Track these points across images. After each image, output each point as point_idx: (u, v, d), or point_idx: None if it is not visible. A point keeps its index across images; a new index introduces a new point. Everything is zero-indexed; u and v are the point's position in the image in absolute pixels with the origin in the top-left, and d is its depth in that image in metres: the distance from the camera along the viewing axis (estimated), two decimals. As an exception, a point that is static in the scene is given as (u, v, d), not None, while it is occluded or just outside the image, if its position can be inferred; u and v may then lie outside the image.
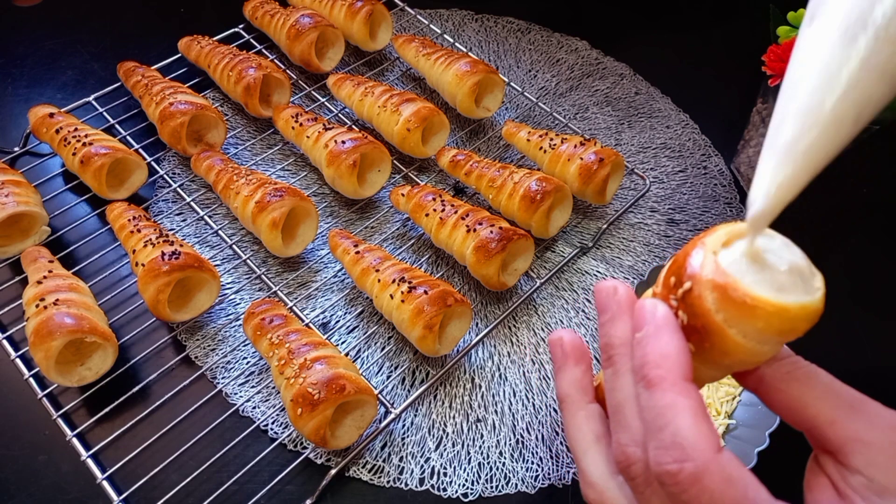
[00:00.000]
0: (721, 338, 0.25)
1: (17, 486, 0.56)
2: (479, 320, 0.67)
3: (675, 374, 0.24)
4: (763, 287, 0.25)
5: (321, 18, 0.81)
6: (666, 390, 0.23)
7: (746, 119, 0.78)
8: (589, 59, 0.93)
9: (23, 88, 0.84)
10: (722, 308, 0.25)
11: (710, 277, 0.25)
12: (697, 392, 0.24)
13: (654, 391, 0.24)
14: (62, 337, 0.54)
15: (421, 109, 0.72)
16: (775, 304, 0.24)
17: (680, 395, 0.23)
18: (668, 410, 0.23)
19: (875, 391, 0.71)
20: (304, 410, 0.52)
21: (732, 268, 0.26)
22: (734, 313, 0.25)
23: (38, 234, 0.66)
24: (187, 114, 0.71)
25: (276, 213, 0.63)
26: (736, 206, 0.78)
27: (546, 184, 0.67)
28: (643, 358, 0.25)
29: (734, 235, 0.27)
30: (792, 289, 0.25)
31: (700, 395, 0.25)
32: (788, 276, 0.26)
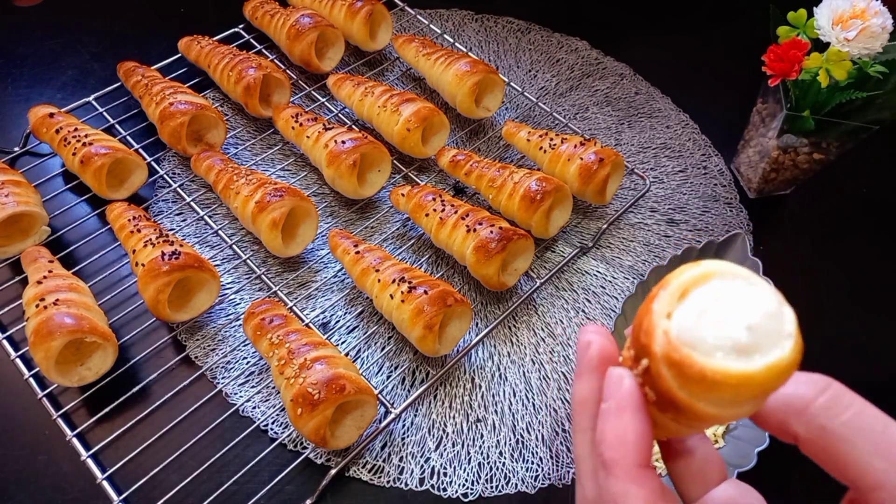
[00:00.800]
0: (693, 410, 0.23)
1: (17, 486, 0.56)
2: (479, 320, 0.67)
3: (630, 460, 0.22)
4: (724, 351, 0.22)
5: (321, 18, 0.81)
6: (619, 477, 0.22)
7: (746, 119, 0.78)
8: (589, 59, 0.93)
9: (23, 88, 0.84)
10: (683, 385, 0.22)
11: (664, 352, 0.23)
12: (652, 479, 0.23)
13: (608, 474, 0.23)
14: (62, 337, 0.54)
15: (421, 109, 0.72)
16: (738, 375, 0.21)
17: (632, 483, 0.22)
18: (619, 498, 0.22)
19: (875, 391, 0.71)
20: (304, 410, 0.52)
21: (686, 334, 0.22)
22: (697, 389, 0.22)
23: (38, 234, 0.66)
24: (187, 114, 0.71)
25: (276, 213, 0.63)
26: (736, 205, 0.78)
27: (546, 184, 0.67)
28: (601, 434, 0.24)
29: (692, 283, 0.24)
30: (759, 342, 0.22)
31: (656, 481, 0.23)
32: (751, 331, 0.22)
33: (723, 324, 0.22)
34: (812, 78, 0.64)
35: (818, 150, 0.71)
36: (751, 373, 0.22)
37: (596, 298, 0.69)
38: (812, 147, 0.71)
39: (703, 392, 0.22)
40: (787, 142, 0.71)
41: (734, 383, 0.21)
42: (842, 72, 0.62)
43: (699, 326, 0.22)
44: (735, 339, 0.22)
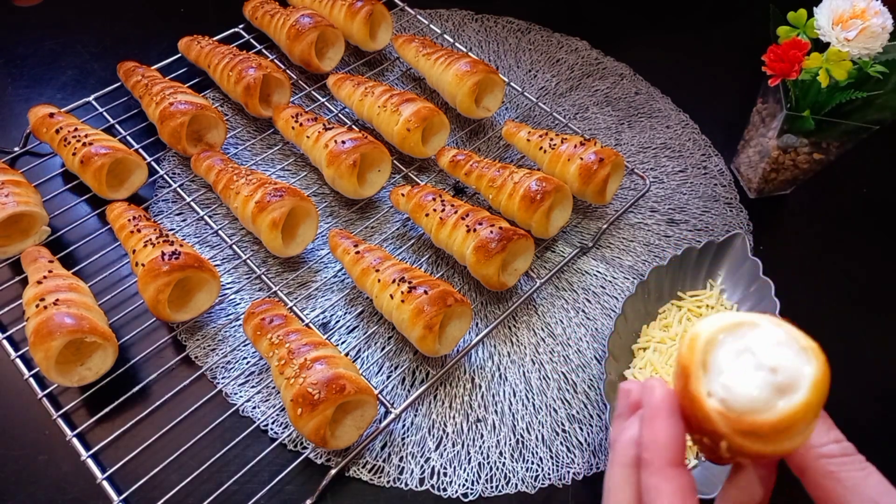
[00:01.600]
0: (776, 453, 0.26)
1: (18, 485, 0.56)
2: (479, 320, 0.67)
3: (662, 459, 0.25)
4: (771, 397, 0.25)
5: (321, 18, 0.81)
6: (653, 473, 0.25)
7: (746, 119, 0.78)
8: (589, 60, 0.93)
9: (23, 88, 0.84)
10: (760, 441, 0.25)
11: (732, 428, 0.25)
12: (680, 476, 0.25)
13: (643, 471, 0.26)
14: (62, 337, 0.54)
15: (421, 109, 0.72)
16: (798, 407, 0.24)
17: (664, 480, 0.25)
18: (652, 491, 0.25)
19: (876, 391, 0.71)
20: (305, 410, 0.52)
21: (736, 402, 0.25)
22: (773, 438, 0.25)
23: (38, 234, 0.66)
24: (187, 114, 0.71)
25: (276, 213, 0.63)
26: (736, 205, 0.78)
27: (546, 184, 0.67)
28: (641, 438, 0.27)
29: (707, 350, 0.26)
30: (789, 373, 0.25)
31: (685, 478, 0.25)
32: (778, 368, 0.25)
33: (753, 375, 0.25)
34: (812, 78, 0.64)
35: (818, 150, 0.71)
36: (805, 400, 0.24)
37: (596, 298, 0.69)
38: (812, 147, 0.71)
39: (778, 437, 0.25)
40: (787, 142, 0.71)
41: (801, 417, 0.24)
42: (842, 72, 0.62)
43: (740, 390, 0.25)
44: (772, 381, 0.25)
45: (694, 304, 0.66)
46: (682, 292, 0.67)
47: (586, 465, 0.59)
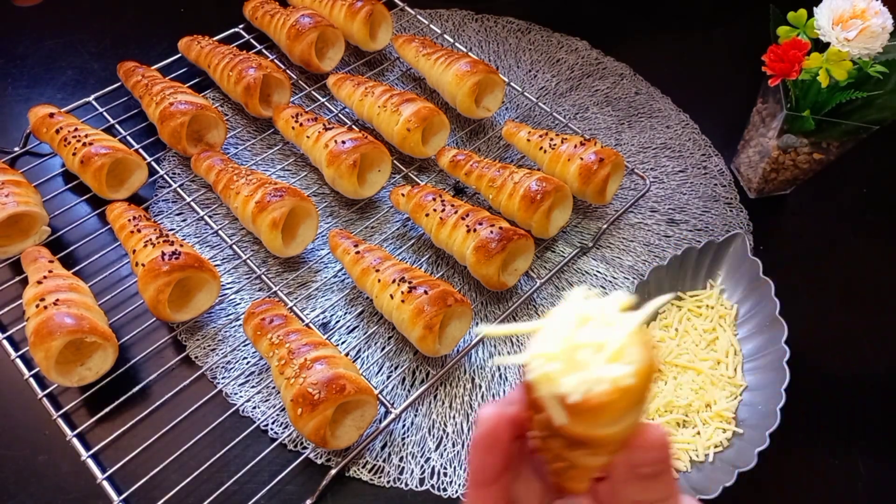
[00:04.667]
0: (596, 437, 0.25)
1: (18, 485, 0.56)
2: (480, 320, 0.67)
3: (471, 483, 0.28)
4: (591, 382, 0.24)
5: (321, 18, 0.81)
6: (467, 496, 0.28)
7: (746, 119, 0.78)
8: (589, 59, 0.93)
9: (23, 88, 0.84)
10: (580, 421, 0.25)
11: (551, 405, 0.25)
12: (486, 495, 0.28)
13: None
14: (62, 337, 0.54)
15: (421, 109, 0.72)
16: (614, 392, 0.24)
17: (470, 499, 0.28)
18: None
19: (874, 390, 0.71)
20: (305, 410, 0.52)
21: (559, 383, 0.24)
22: (590, 419, 0.25)
23: (39, 234, 0.66)
24: (187, 114, 0.71)
25: (276, 213, 0.63)
26: (736, 205, 0.78)
27: (546, 184, 0.67)
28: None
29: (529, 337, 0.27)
30: (613, 356, 0.24)
31: (492, 497, 0.28)
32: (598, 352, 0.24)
33: (582, 358, 0.24)
34: (812, 78, 0.64)
35: (818, 150, 0.71)
36: (624, 387, 0.23)
37: (596, 298, 0.69)
38: (812, 147, 0.71)
39: (593, 420, 0.24)
40: (788, 142, 0.71)
41: (616, 398, 0.23)
42: (842, 72, 0.62)
43: (562, 372, 0.24)
44: (599, 362, 0.24)
45: (694, 303, 0.66)
46: (682, 292, 0.67)
47: (586, 465, 0.59)
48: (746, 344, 0.63)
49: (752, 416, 0.58)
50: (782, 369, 0.58)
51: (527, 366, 0.25)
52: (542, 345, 0.25)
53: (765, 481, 0.58)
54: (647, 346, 0.24)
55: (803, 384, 0.58)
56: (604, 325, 0.24)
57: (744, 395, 0.60)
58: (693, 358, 0.62)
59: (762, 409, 0.58)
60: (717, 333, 0.64)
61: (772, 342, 0.61)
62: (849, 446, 0.61)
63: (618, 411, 0.24)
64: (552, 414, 0.25)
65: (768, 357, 0.61)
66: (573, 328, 0.25)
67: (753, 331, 0.63)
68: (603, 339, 0.24)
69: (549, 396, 0.24)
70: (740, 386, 0.61)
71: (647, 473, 0.27)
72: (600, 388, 0.24)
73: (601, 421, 0.25)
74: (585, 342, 0.24)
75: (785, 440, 0.55)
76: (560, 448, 0.26)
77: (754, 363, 0.62)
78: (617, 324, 0.24)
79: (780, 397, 0.56)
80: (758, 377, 0.61)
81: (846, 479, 0.60)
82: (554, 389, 0.24)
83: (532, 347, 0.25)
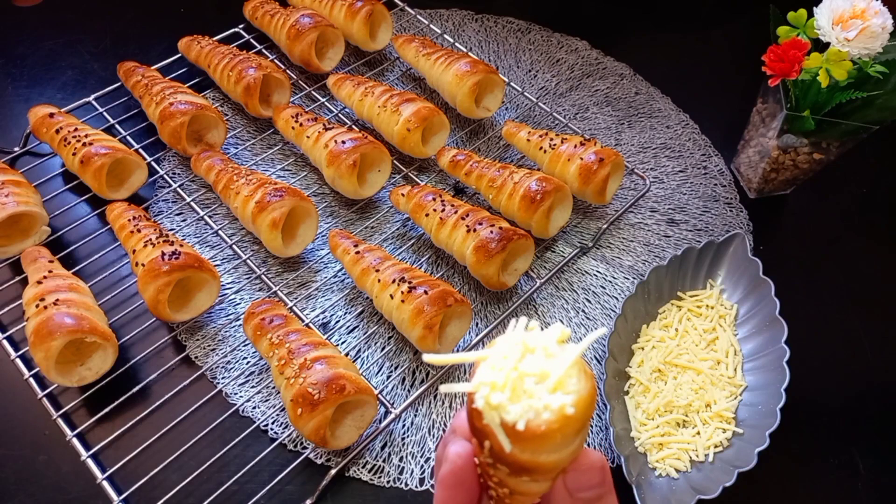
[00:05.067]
0: (539, 464, 0.26)
1: (18, 485, 0.56)
2: (479, 320, 0.67)
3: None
4: (536, 411, 0.25)
5: (321, 18, 0.81)
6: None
7: (746, 119, 0.78)
8: (589, 59, 0.93)
9: (23, 88, 0.84)
10: (524, 448, 0.26)
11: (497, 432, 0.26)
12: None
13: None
14: (62, 337, 0.54)
15: (421, 109, 0.72)
16: (556, 421, 0.25)
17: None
18: None
19: (874, 391, 0.71)
20: (305, 410, 0.52)
21: (506, 413, 0.25)
22: (532, 446, 0.25)
23: (38, 234, 0.66)
24: (187, 114, 0.71)
25: (276, 213, 0.63)
26: (736, 205, 0.78)
27: (546, 184, 0.67)
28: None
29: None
30: (554, 386, 0.25)
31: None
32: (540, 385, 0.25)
33: (526, 387, 0.25)
34: (812, 78, 0.64)
35: (818, 150, 0.71)
36: (566, 415, 0.25)
37: (596, 298, 0.69)
38: (812, 147, 0.71)
39: (538, 447, 0.25)
40: (787, 142, 0.71)
41: (559, 427, 0.25)
42: (842, 72, 0.62)
43: (507, 400, 0.25)
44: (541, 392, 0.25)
45: (694, 304, 0.66)
46: (682, 292, 0.67)
47: (586, 465, 0.59)
48: (746, 344, 0.63)
49: (751, 415, 0.58)
50: (782, 369, 0.58)
51: (473, 394, 0.26)
52: (487, 374, 0.26)
53: (765, 481, 0.58)
54: (587, 376, 0.26)
55: (803, 384, 0.58)
56: (546, 356, 0.25)
57: (744, 395, 0.60)
58: (693, 358, 0.62)
59: (762, 409, 0.58)
60: (717, 333, 0.64)
61: (772, 342, 0.61)
62: (848, 446, 0.61)
63: (561, 439, 0.25)
64: (498, 441, 0.25)
65: (768, 357, 0.61)
66: (517, 359, 0.25)
67: (753, 331, 0.63)
68: (545, 369, 0.25)
69: (495, 424, 0.25)
70: (740, 386, 0.61)
71: (587, 498, 0.27)
72: (544, 417, 0.25)
73: (545, 448, 0.25)
74: (529, 372, 0.25)
75: (785, 440, 0.55)
76: (503, 475, 0.27)
77: (754, 363, 0.62)
78: (558, 355, 0.25)
79: (780, 397, 0.56)
80: (758, 377, 0.61)
81: (846, 478, 0.60)
82: (500, 418, 0.25)
83: (478, 377, 0.26)
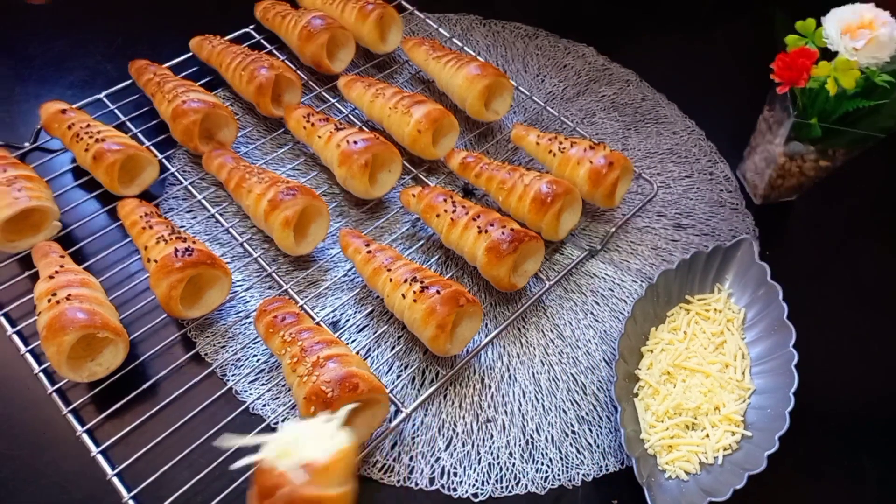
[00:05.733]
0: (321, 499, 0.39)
1: (27, 480, 0.55)
2: (489, 321, 0.67)
3: None
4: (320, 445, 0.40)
5: (332, 20, 0.81)
6: None
7: (751, 126, 0.79)
8: (596, 65, 0.93)
9: (33, 87, 0.84)
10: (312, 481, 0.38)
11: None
12: None
13: None
14: (75, 332, 0.54)
15: (432, 111, 0.73)
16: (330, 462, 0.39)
17: None
18: None
19: (882, 394, 0.71)
20: (318, 408, 0.52)
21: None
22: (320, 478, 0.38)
23: (50, 229, 0.66)
24: (200, 112, 0.71)
25: (288, 212, 0.64)
26: (742, 211, 0.79)
27: (556, 186, 0.67)
28: None
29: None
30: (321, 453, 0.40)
31: None
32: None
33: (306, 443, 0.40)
34: (820, 86, 0.65)
35: (824, 157, 0.72)
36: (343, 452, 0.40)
37: (604, 301, 0.70)
38: (818, 154, 0.72)
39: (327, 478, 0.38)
40: (794, 149, 0.72)
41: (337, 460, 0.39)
42: (850, 80, 0.62)
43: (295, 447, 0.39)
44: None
45: (702, 307, 0.67)
46: (690, 296, 0.67)
47: (596, 467, 0.59)
48: (754, 347, 0.64)
49: (760, 419, 0.59)
50: (790, 373, 0.58)
51: (262, 462, 0.38)
52: (274, 443, 0.39)
53: (774, 484, 0.58)
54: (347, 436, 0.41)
55: (811, 388, 0.59)
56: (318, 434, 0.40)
57: (752, 399, 0.61)
58: (701, 361, 0.63)
59: (771, 413, 0.58)
60: (725, 337, 0.64)
61: (780, 346, 0.61)
62: (857, 450, 0.62)
63: (341, 472, 0.38)
64: (292, 480, 0.37)
65: (776, 360, 0.61)
66: (297, 435, 0.40)
67: (761, 334, 0.64)
68: (319, 432, 0.40)
69: (289, 466, 0.37)
70: (749, 389, 0.61)
71: None
72: (327, 453, 0.38)
73: (331, 479, 0.37)
74: (308, 434, 0.39)
75: (794, 444, 0.55)
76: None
77: (762, 366, 0.62)
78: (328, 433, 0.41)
79: (789, 401, 0.57)
80: (766, 380, 0.61)
81: (855, 482, 0.60)
82: (294, 458, 0.38)
83: (266, 446, 0.39)
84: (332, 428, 0.39)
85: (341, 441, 0.38)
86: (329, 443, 0.38)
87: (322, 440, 0.39)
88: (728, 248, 0.68)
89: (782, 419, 0.56)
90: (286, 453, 0.37)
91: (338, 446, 0.38)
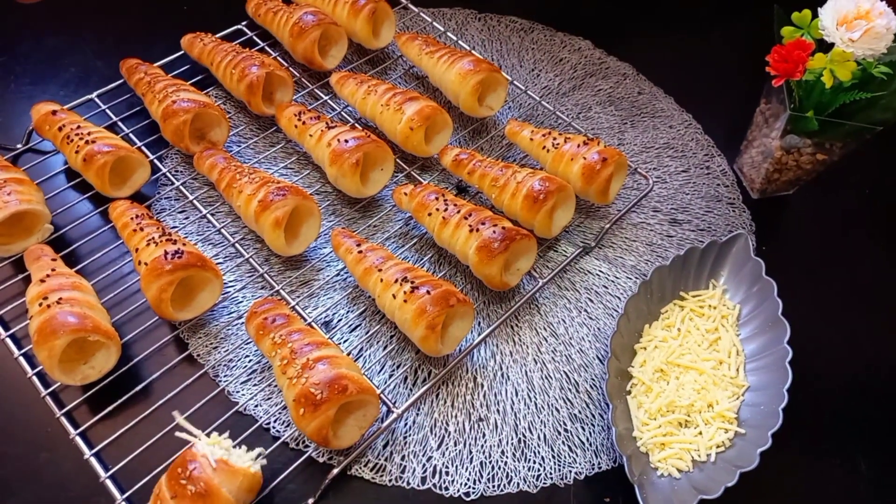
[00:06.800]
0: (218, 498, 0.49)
1: (20, 483, 0.56)
2: (482, 320, 0.67)
3: None
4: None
5: (324, 16, 0.81)
6: None
7: (749, 119, 0.78)
8: (592, 59, 0.92)
9: (25, 85, 0.84)
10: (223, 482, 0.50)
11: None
12: None
13: None
14: (66, 336, 0.54)
15: (424, 108, 0.72)
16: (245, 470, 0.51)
17: None
18: None
19: (876, 391, 0.71)
20: (307, 411, 0.52)
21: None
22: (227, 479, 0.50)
23: (41, 232, 0.66)
24: (190, 112, 0.70)
25: (279, 212, 0.63)
26: (739, 206, 0.78)
27: (549, 183, 0.66)
28: None
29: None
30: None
31: None
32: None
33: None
34: (816, 78, 0.64)
35: (821, 150, 0.71)
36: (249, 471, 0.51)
37: (598, 298, 0.69)
38: (815, 147, 0.71)
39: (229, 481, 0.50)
40: (791, 142, 0.71)
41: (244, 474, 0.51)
42: (846, 72, 0.61)
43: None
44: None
45: (696, 304, 0.66)
46: (684, 292, 0.67)
47: (588, 465, 0.59)
48: (749, 344, 0.63)
49: (754, 416, 0.58)
50: (784, 369, 0.58)
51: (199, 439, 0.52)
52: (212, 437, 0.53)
53: (767, 481, 0.58)
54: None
55: (805, 384, 0.58)
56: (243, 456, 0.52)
57: (746, 396, 0.60)
58: (695, 358, 0.62)
59: (764, 410, 0.58)
60: (719, 333, 0.64)
61: (774, 342, 0.61)
62: (850, 446, 0.61)
63: (241, 485, 0.50)
64: (207, 461, 0.49)
65: (770, 357, 0.61)
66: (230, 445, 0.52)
67: (756, 331, 0.63)
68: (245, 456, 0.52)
69: (211, 452, 0.50)
70: (742, 386, 0.61)
71: None
72: (241, 466, 0.50)
73: (231, 484, 0.49)
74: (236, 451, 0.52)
75: (787, 440, 0.55)
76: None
77: (756, 363, 0.62)
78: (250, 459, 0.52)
79: (783, 397, 0.56)
80: (760, 377, 0.61)
81: (848, 479, 0.60)
82: (217, 450, 0.50)
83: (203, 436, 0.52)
84: (253, 460, 0.52)
85: (255, 471, 0.51)
86: (247, 463, 0.51)
87: (243, 459, 0.51)
88: (723, 243, 0.67)
89: (776, 416, 0.56)
90: (216, 443, 0.51)
91: (251, 470, 0.51)
